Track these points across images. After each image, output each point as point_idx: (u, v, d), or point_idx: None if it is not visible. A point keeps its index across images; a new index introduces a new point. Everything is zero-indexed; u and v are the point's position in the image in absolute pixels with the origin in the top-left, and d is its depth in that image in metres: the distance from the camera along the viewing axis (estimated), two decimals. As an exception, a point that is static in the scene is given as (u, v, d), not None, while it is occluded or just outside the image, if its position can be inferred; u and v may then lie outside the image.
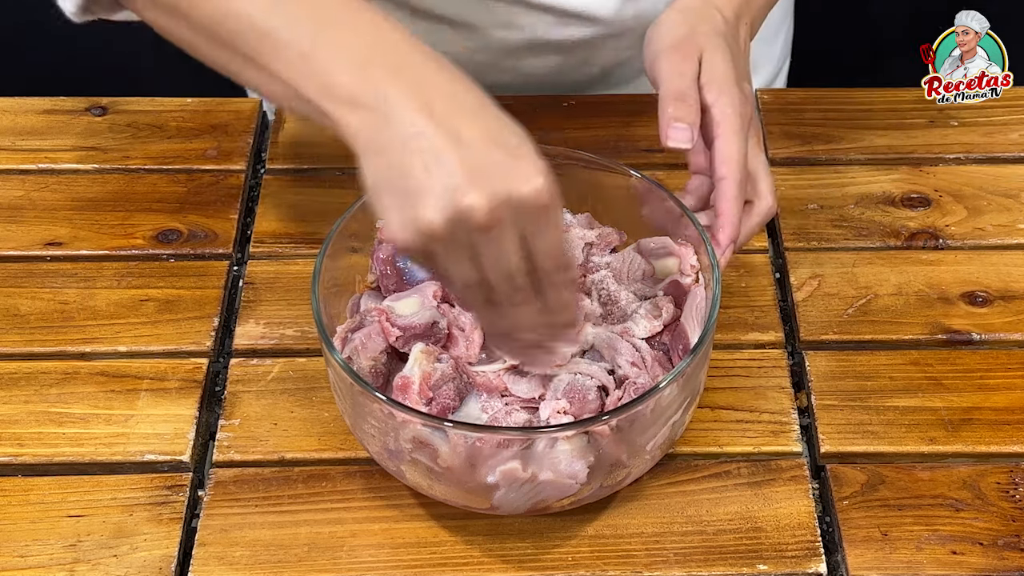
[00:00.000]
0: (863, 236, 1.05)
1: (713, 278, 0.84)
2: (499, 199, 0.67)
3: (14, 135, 1.14)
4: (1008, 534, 0.85)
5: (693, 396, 0.83)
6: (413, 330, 0.83)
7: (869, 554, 0.84)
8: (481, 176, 0.68)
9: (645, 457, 0.82)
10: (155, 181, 1.10)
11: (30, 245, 1.04)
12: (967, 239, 1.05)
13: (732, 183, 0.84)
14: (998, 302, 1.00)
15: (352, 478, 0.89)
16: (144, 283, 1.01)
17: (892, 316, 0.99)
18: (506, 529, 0.86)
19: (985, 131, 1.14)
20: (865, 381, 0.94)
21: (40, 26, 1.82)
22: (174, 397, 0.93)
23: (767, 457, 0.90)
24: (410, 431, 0.77)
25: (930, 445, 0.90)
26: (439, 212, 0.68)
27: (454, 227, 0.68)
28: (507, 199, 0.68)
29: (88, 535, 0.85)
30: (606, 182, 0.92)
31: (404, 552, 0.84)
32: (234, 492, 0.88)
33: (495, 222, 0.68)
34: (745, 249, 1.04)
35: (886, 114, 1.15)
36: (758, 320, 0.99)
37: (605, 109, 1.16)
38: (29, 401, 0.93)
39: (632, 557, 0.84)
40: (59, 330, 0.97)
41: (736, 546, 0.84)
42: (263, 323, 0.98)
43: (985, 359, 0.96)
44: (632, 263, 0.90)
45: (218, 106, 1.17)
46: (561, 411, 0.79)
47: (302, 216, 1.07)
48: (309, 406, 0.93)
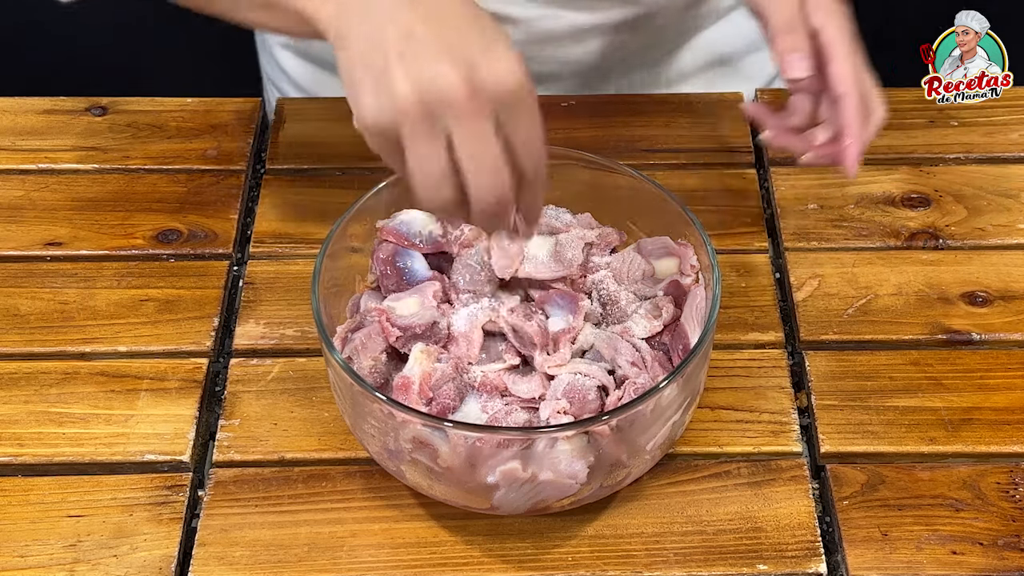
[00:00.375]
0: (863, 236, 1.05)
1: (713, 278, 0.84)
2: (475, 74, 0.66)
3: (14, 135, 1.14)
4: (1008, 534, 0.85)
5: (693, 396, 0.83)
6: (413, 330, 0.83)
7: (869, 554, 0.84)
8: (457, 51, 0.66)
9: (645, 457, 0.82)
10: (155, 181, 1.10)
11: (30, 245, 1.04)
12: (967, 239, 1.05)
13: (854, 100, 0.89)
14: (998, 302, 1.00)
15: (352, 478, 0.89)
16: (144, 283, 1.01)
17: (892, 316, 0.99)
18: (506, 529, 0.86)
19: (985, 131, 1.14)
20: (865, 381, 0.94)
21: (40, 26, 1.82)
22: (174, 397, 0.93)
23: (767, 457, 0.90)
24: (410, 431, 0.77)
25: (930, 445, 0.90)
26: (412, 84, 0.66)
27: (428, 102, 0.66)
28: (483, 76, 0.66)
29: (88, 535, 0.85)
30: (606, 182, 0.92)
31: (404, 552, 0.84)
32: (234, 492, 0.88)
33: (472, 100, 0.66)
34: (745, 249, 1.04)
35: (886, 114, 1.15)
36: (758, 320, 0.99)
37: (605, 109, 1.16)
38: (29, 401, 0.93)
39: (632, 557, 0.84)
40: (59, 330, 0.97)
41: (736, 546, 0.84)
42: (263, 323, 0.98)
43: (985, 359, 0.96)
44: (632, 263, 0.90)
45: (218, 106, 1.17)
46: (561, 411, 0.79)
47: (302, 216, 1.07)
48: (309, 406, 0.93)
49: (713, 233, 1.02)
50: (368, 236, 0.90)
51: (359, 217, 0.88)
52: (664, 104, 1.17)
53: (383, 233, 0.89)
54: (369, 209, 0.89)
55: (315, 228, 1.05)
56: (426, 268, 0.88)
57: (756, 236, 1.05)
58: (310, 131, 1.14)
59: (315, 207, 1.07)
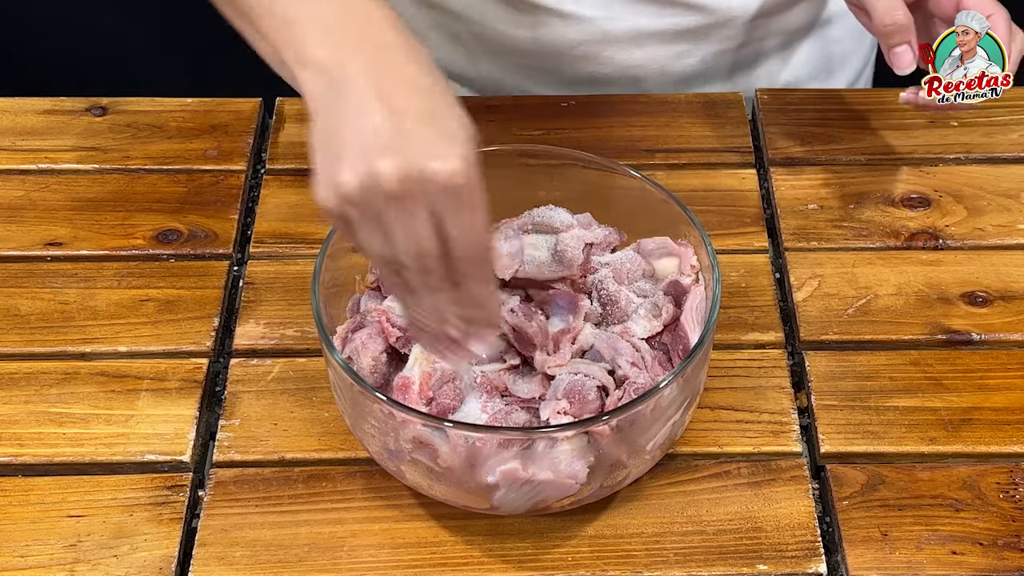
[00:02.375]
0: (863, 236, 1.05)
1: (713, 278, 0.84)
2: (410, 169, 0.68)
3: (14, 135, 1.14)
4: (1008, 534, 0.85)
5: (693, 396, 0.83)
6: (413, 330, 0.83)
7: (869, 554, 0.84)
8: (401, 146, 0.69)
9: (645, 457, 0.82)
10: (155, 181, 1.10)
11: (30, 245, 1.04)
12: (967, 239, 1.05)
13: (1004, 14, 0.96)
14: (998, 302, 1.00)
15: (352, 478, 0.89)
16: (144, 283, 1.01)
17: (892, 316, 0.99)
18: (506, 529, 0.86)
19: (985, 131, 1.14)
20: (865, 381, 0.94)
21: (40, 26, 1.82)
22: (174, 397, 0.93)
23: (767, 457, 0.90)
24: (410, 431, 0.77)
25: (930, 445, 0.90)
26: (353, 174, 0.69)
27: (365, 192, 0.69)
28: (419, 171, 0.68)
29: (88, 535, 0.85)
30: (606, 182, 0.92)
31: (404, 552, 0.84)
32: (234, 492, 0.88)
33: (404, 192, 0.68)
34: (745, 249, 1.04)
35: (886, 114, 1.15)
36: (758, 320, 0.99)
37: (605, 109, 1.16)
38: (29, 401, 0.93)
39: (632, 557, 0.84)
40: (59, 330, 0.97)
41: (736, 546, 0.84)
42: (263, 323, 0.98)
43: (985, 359, 0.96)
44: (632, 263, 0.90)
45: (218, 106, 1.17)
46: (561, 411, 0.79)
47: (302, 216, 1.07)
48: (309, 406, 0.93)
49: (713, 233, 1.02)
50: (368, 236, 0.90)
51: (359, 217, 0.88)
52: (664, 104, 1.17)
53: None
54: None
55: (315, 228, 1.05)
56: (426, 268, 0.88)
57: (756, 236, 1.05)
58: (310, 131, 1.14)
59: (315, 207, 1.07)
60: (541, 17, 1.16)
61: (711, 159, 1.12)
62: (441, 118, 0.71)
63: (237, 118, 1.15)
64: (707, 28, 1.17)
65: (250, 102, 1.17)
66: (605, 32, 1.16)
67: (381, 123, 0.69)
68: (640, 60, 1.19)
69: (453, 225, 0.70)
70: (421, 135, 0.69)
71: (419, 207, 0.69)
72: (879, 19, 0.95)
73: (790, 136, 1.14)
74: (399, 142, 0.69)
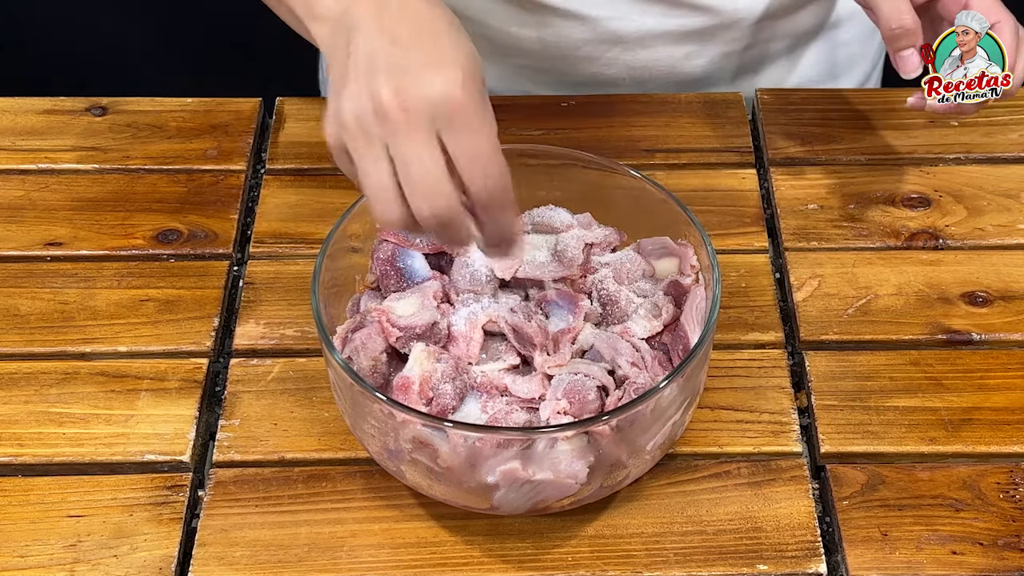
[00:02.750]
0: (863, 236, 1.05)
1: (713, 278, 0.84)
2: (405, 89, 0.69)
3: (14, 135, 1.14)
4: (1008, 534, 0.85)
5: (693, 396, 0.83)
6: (413, 330, 0.83)
7: (869, 554, 0.84)
8: (398, 71, 0.69)
9: (645, 457, 0.82)
10: (155, 181, 1.10)
11: (30, 245, 1.04)
12: (967, 239, 1.05)
13: (1010, 22, 0.96)
14: (998, 302, 1.00)
15: (352, 478, 0.89)
16: (144, 283, 1.01)
17: (892, 316, 0.99)
18: (506, 529, 0.86)
19: (985, 131, 1.14)
20: (865, 381, 0.94)
21: (40, 26, 1.82)
22: (174, 397, 0.93)
23: (767, 457, 0.90)
24: (410, 431, 0.77)
25: (930, 445, 0.90)
26: (352, 101, 0.70)
27: (364, 117, 0.70)
28: (414, 91, 0.69)
29: (88, 535, 0.85)
30: (606, 182, 0.92)
31: (404, 552, 0.84)
32: (234, 492, 0.88)
33: (402, 114, 0.69)
34: (745, 249, 1.04)
35: (886, 114, 1.15)
36: (758, 320, 0.99)
37: (605, 109, 1.16)
38: (29, 401, 0.93)
39: (632, 557, 0.84)
40: (59, 330, 0.97)
41: (736, 546, 0.84)
42: (263, 323, 0.98)
43: (985, 359, 0.96)
44: (632, 263, 0.90)
45: (218, 106, 1.17)
46: (561, 411, 0.79)
47: (302, 216, 1.07)
48: (309, 406, 0.93)
49: (713, 233, 1.02)
50: (368, 236, 0.90)
51: (359, 217, 0.88)
52: (664, 104, 1.17)
53: (383, 233, 0.89)
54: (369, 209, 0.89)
55: (315, 228, 1.05)
56: (426, 268, 0.88)
57: (756, 236, 1.06)
58: (310, 131, 1.14)
59: (315, 207, 1.07)
60: (547, 17, 1.16)
61: (711, 159, 1.12)
62: (439, 42, 0.71)
63: (237, 118, 1.15)
64: (713, 29, 1.17)
65: (250, 102, 1.17)
66: (611, 32, 1.16)
67: (379, 51, 0.70)
68: (645, 61, 1.19)
69: (455, 146, 0.69)
70: (417, 58, 0.70)
71: (419, 127, 0.69)
72: (885, 22, 0.94)
73: (790, 136, 1.14)
74: (395, 66, 0.70)
